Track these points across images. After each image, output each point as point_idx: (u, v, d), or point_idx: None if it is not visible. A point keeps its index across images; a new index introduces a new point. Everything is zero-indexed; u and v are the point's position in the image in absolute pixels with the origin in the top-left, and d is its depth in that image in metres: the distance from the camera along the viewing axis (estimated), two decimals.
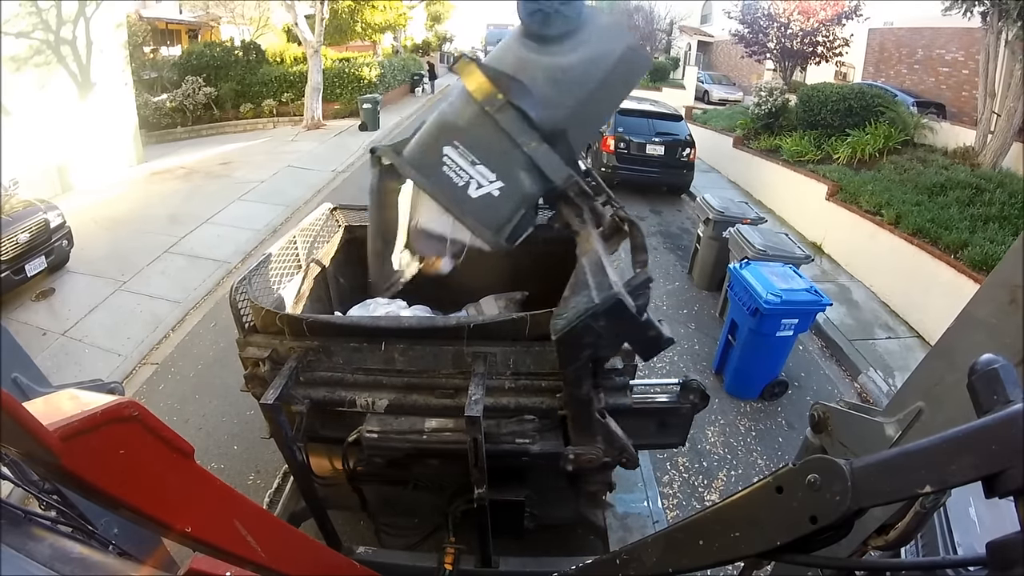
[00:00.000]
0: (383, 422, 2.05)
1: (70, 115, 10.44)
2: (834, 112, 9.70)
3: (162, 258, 7.23)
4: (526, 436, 1.99)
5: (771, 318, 4.28)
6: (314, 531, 2.38)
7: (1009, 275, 0.84)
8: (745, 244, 5.28)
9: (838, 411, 1.07)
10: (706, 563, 0.75)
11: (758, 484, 0.70)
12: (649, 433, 2.21)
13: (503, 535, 2.36)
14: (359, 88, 17.10)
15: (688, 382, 2.17)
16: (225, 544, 0.84)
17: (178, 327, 5.83)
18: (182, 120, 16.09)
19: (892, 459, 0.62)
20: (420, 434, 2.02)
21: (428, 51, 36.42)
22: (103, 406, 0.69)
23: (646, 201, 10.17)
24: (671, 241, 8.47)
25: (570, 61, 1.90)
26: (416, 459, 2.25)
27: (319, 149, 13.24)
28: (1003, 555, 0.55)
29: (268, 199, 9.59)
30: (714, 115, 14.42)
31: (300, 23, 14.66)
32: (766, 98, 11.22)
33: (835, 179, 8.22)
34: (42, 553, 0.71)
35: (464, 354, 2.04)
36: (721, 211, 6.13)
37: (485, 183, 1.96)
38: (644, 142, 9.94)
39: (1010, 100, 7.75)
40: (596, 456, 1.94)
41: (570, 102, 1.92)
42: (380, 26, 23.15)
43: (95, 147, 10.90)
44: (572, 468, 1.95)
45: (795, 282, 4.44)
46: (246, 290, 2.34)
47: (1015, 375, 0.61)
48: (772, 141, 10.54)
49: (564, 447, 1.98)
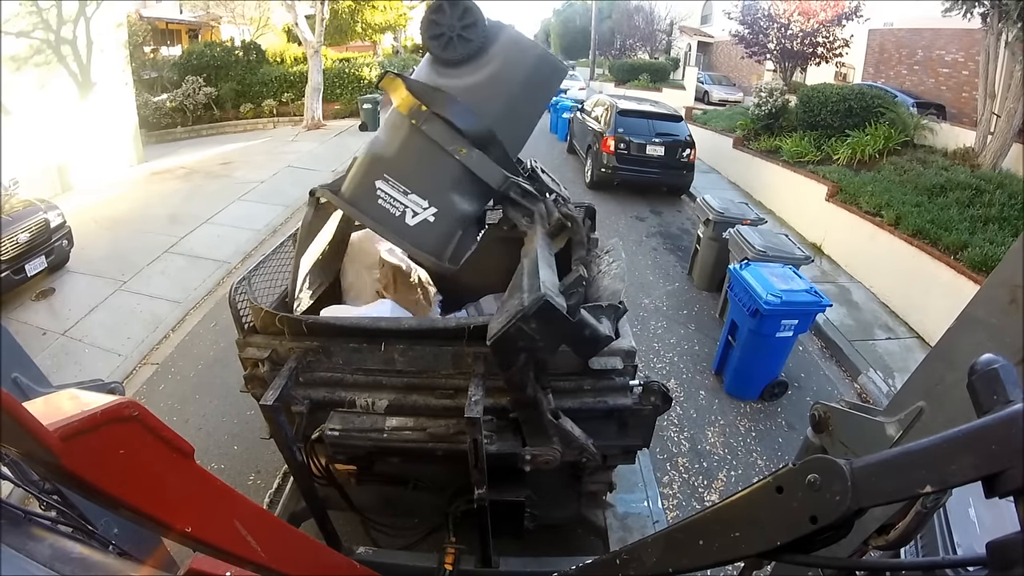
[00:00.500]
0: (345, 420, 2.04)
1: (70, 115, 10.44)
2: (834, 113, 9.69)
3: (162, 258, 7.22)
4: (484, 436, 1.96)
5: (771, 319, 4.27)
6: (314, 531, 2.38)
7: (1009, 275, 0.84)
8: (745, 245, 5.28)
9: (839, 411, 1.07)
10: (706, 563, 0.76)
11: (758, 484, 0.70)
12: (610, 435, 2.19)
13: (503, 535, 2.36)
14: (359, 88, 17.10)
15: (649, 383, 2.12)
16: (225, 544, 0.84)
17: (178, 327, 5.83)
18: (182, 120, 16.11)
19: (892, 459, 0.62)
20: (381, 432, 2.01)
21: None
22: (103, 406, 0.70)
23: (646, 202, 10.16)
24: (671, 242, 8.48)
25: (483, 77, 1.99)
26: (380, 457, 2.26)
27: (319, 149, 13.25)
28: (1003, 555, 0.55)
29: (268, 199, 9.61)
30: (714, 116, 14.37)
31: (300, 23, 14.69)
32: (766, 99, 11.19)
33: (835, 180, 8.21)
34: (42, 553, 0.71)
35: (464, 354, 2.04)
36: (721, 212, 6.13)
37: (419, 210, 2.05)
38: (644, 143, 9.94)
39: (1010, 101, 7.74)
40: (554, 457, 1.94)
41: (493, 111, 2.00)
42: (380, 26, 23.15)
43: (95, 147, 10.91)
44: (530, 468, 1.97)
45: (795, 283, 4.44)
46: (245, 290, 2.34)
47: (1015, 375, 0.61)
48: (772, 142, 10.54)
49: (521, 447, 1.97)
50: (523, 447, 1.97)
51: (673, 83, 24.83)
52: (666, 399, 2.13)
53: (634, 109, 10.51)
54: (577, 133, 12.71)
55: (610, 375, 2.06)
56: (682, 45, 30.94)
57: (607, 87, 27.06)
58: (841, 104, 9.63)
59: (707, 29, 29.54)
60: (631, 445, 2.31)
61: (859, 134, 9.16)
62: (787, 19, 13.07)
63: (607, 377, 2.06)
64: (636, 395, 2.11)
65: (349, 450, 2.14)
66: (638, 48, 30.77)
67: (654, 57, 28.89)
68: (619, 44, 31.86)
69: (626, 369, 2.09)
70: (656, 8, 30.41)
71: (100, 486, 0.68)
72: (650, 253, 7.98)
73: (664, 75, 25.25)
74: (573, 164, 12.69)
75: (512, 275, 3.79)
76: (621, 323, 2.18)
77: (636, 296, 6.47)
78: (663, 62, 26.64)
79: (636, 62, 26.84)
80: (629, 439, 2.26)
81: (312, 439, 2.06)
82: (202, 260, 7.21)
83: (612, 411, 2.12)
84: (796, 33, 13.03)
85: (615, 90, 24.37)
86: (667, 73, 25.73)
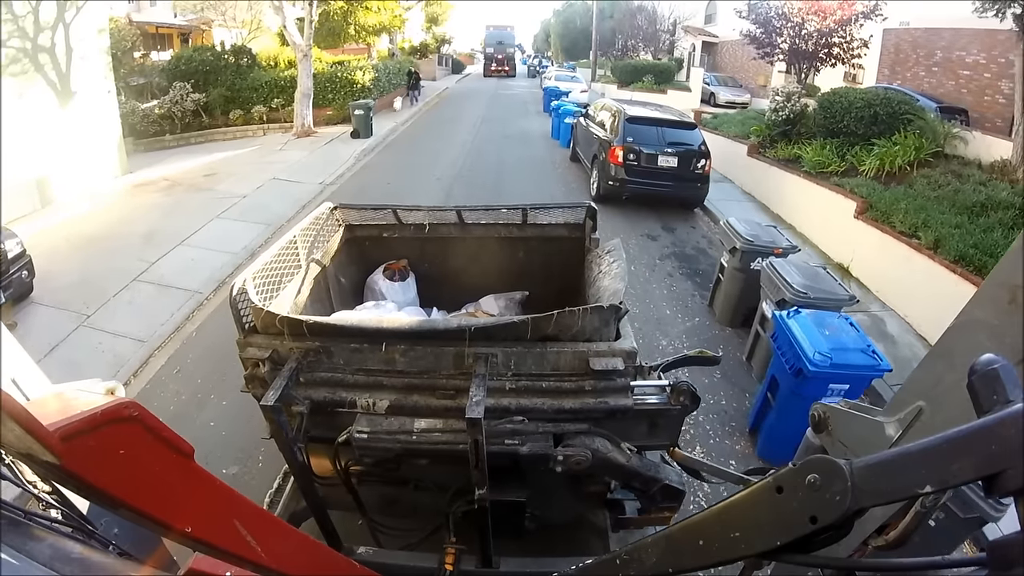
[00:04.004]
0: (373, 422, 2.14)
1: (50, 126, 10.41)
2: (858, 120, 9.42)
3: (131, 287, 7.03)
4: (516, 437, 2.10)
5: (816, 381, 3.86)
6: (314, 531, 2.46)
7: (1009, 275, 0.88)
8: (782, 283, 4.79)
9: (838, 411, 1.11)
10: (706, 563, 0.78)
11: (758, 484, 0.73)
12: (640, 435, 2.32)
13: (503, 535, 2.44)
14: (352, 93, 17.29)
15: (679, 384, 2.27)
16: (225, 544, 0.88)
17: (140, 371, 5.59)
18: (171, 128, 16.27)
19: (892, 459, 0.64)
20: (409, 434, 2.12)
21: (426, 53, 36.73)
22: (103, 406, 0.73)
23: (657, 216, 9.90)
24: (687, 265, 8.08)
25: None
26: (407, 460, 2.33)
27: (308, 159, 13.34)
28: (1003, 555, 0.57)
29: (249, 216, 9.51)
30: (725, 120, 14.31)
31: (289, 26, 14.82)
32: (783, 103, 10.98)
33: (864, 195, 7.91)
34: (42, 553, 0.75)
35: (465, 355, 2.13)
36: (750, 240, 5.69)
37: None
38: (655, 153, 9.66)
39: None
40: (585, 457, 2.07)
41: None
42: (374, 28, 23.46)
43: (77, 159, 10.89)
44: (560, 470, 2.08)
45: (849, 337, 4.01)
46: (246, 290, 2.46)
47: (1015, 375, 0.63)
48: (791, 150, 10.35)
49: (553, 448, 2.09)
50: (555, 448, 2.10)
51: (678, 85, 24.91)
52: (695, 399, 2.27)
53: (644, 116, 10.21)
54: (581, 140, 12.49)
55: (611, 376, 2.14)
56: (686, 45, 31.19)
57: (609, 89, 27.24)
58: (866, 110, 9.37)
59: (711, 28, 29.70)
60: (659, 445, 2.45)
61: (886, 143, 8.92)
62: (802, 18, 12.87)
63: (608, 378, 2.14)
64: (665, 395, 2.27)
65: (377, 452, 2.22)
66: (640, 49, 31.08)
67: (657, 58, 29.13)
68: (621, 45, 32.19)
69: (627, 370, 2.17)
70: (659, 7, 30.62)
71: (100, 486, 0.72)
72: (665, 280, 7.59)
73: (669, 76, 25.40)
74: (576, 173, 12.60)
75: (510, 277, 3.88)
76: (623, 324, 2.30)
77: (652, 335, 6.14)
78: (667, 63, 26.83)
79: (639, 63, 27.09)
80: (658, 439, 2.39)
81: (339, 442, 2.15)
82: (172, 290, 7.02)
83: (646, 412, 2.27)
84: (811, 33, 12.85)
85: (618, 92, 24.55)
86: (672, 74, 25.87)
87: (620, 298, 2.26)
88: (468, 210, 3.85)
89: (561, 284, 3.75)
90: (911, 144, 8.70)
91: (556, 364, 2.15)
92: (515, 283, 4.02)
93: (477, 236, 3.93)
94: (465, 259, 4.03)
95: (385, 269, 4.02)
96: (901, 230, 6.97)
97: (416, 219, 3.94)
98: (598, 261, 3.11)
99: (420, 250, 4.06)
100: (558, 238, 3.86)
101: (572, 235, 3.80)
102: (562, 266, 3.80)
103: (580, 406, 2.14)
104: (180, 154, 14.64)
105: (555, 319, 2.12)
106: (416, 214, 3.92)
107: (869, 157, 8.86)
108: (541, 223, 3.86)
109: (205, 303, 6.84)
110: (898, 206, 7.31)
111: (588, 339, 2.21)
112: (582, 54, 41.36)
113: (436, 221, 3.93)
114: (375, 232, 4.02)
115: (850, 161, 9.14)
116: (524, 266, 3.98)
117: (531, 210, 3.76)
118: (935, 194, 7.60)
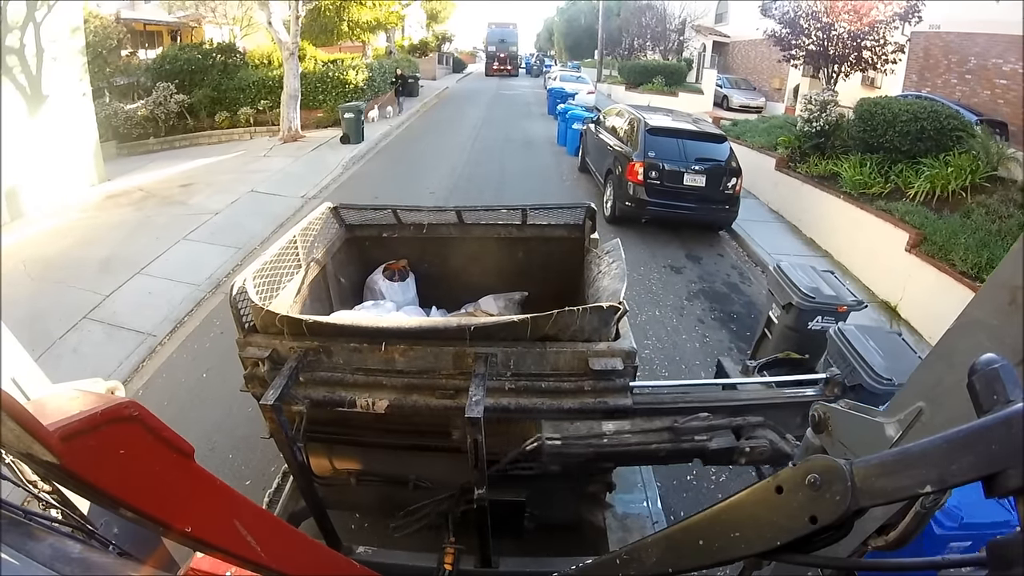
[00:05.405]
0: (558, 428, 2.23)
1: (19, 133, 10.07)
2: (903, 135, 8.64)
3: (79, 326, 6.45)
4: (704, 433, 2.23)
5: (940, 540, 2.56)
6: (314, 531, 2.53)
7: (1009, 276, 0.91)
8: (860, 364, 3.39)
9: (839, 411, 1.14)
10: (706, 563, 0.81)
11: (758, 484, 0.76)
12: (794, 426, 2.42)
13: (503, 535, 2.52)
14: (344, 94, 17.22)
15: (833, 376, 2.46)
16: (225, 544, 0.91)
17: None
18: (155, 130, 16.29)
19: (892, 459, 0.66)
20: (600, 438, 2.22)
21: (426, 52, 36.98)
22: (103, 406, 0.77)
23: (679, 241, 9.17)
24: (719, 307, 7.16)
25: None
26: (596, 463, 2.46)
27: (292, 167, 13.03)
28: (1003, 555, 0.59)
29: (218, 237, 8.96)
30: (748, 128, 13.56)
31: (275, 22, 14.62)
32: (816, 112, 10.19)
33: (918, 225, 7.18)
34: (42, 553, 0.78)
35: (465, 355, 2.21)
36: (810, 296, 4.42)
37: None
38: (681, 170, 8.82)
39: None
40: (766, 447, 2.22)
41: None
42: (369, 25, 23.61)
43: (50, 167, 10.56)
44: (745, 461, 2.26)
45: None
46: (246, 289, 2.53)
47: (1015, 375, 0.65)
48: (826, 165, 9.59)
49: (736, 442, 2.23)
50: (738, 441, 2.23)
51: (689, 87, 24.73)
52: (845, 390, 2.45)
53: (667, 127, 9.32)
54: (592, 150, 11.79)
55: (611, 376, 2.22)
56: (696, 45, 31.18)
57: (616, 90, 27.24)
58: (912, 124, 8.58)
59: (722, 28, 29.67)
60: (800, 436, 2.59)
61: (936, 163, 8.18)
62: (833, 18, 11.83)
63: (607, 378, 2.22)
64: (820, 387, 2.47)
65: (570, 459, 2.28)
66: (648, 48, 31.18)
67: (666, 58, 29.19)
68: (627, 44, 32.34)
69: (626, 370, 2.25)
70: (668, 6, 30.59)
71: (100, 486, 0.75)
72: (696, 329, 6.65)
73: (680, 78, 25.12)
74: (586, 185, 11.97)
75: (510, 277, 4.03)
76: (622, 323, 2.39)
77: None
78: (678, 64, 26.64)
79: (649, 63, 26.98)
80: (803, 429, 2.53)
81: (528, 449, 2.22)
82: (123, 331, 6.38)
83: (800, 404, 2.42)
84: (841, 34, 11.90)
85: (626, 94, 24.58)
86: (683, 75, 25.60)
87: (619, 298, 2.35)
88: (468, 210, 4.00)
89: (560, 284, 3.88)
90: (966, 165, 7.87)
91: (556, 364, 2.25)
92: (515, 283, 4.16)
93: (477, 236, 4.08)
94: (465, 259, 4.17)
95: (385, 269, 4.16)
96: (962, 269, 6.25)
97: (416, 219, 4.09)
98: (597, 261, 3.23)
99: (420, 250, 4.21)
100: (557, 238, 4.01)
101: (571, 235, 3.95)
102: (561, 266, 3.94)
103: (580, 406, 2.23)
104: (162, 159, 14.46)
105: (554, 319, 2.21)
106: (416, 214, 4.07)
107: (918, 179, 8.07)
108: (540, 223, 4.01)
109: (159, 348, 6.10)
110: (957, 241, 6.59)
111: (587, 339, 2.30)
112: (586, 53, 41.68)
113: (436, 221, 4.08)
114: (375, 232, 4.16)
115: (895, 182, 8.43)
116: (523, 266, 4.12)
117: (531, 210, 3.91)
118: (998, 227, 6.85)
